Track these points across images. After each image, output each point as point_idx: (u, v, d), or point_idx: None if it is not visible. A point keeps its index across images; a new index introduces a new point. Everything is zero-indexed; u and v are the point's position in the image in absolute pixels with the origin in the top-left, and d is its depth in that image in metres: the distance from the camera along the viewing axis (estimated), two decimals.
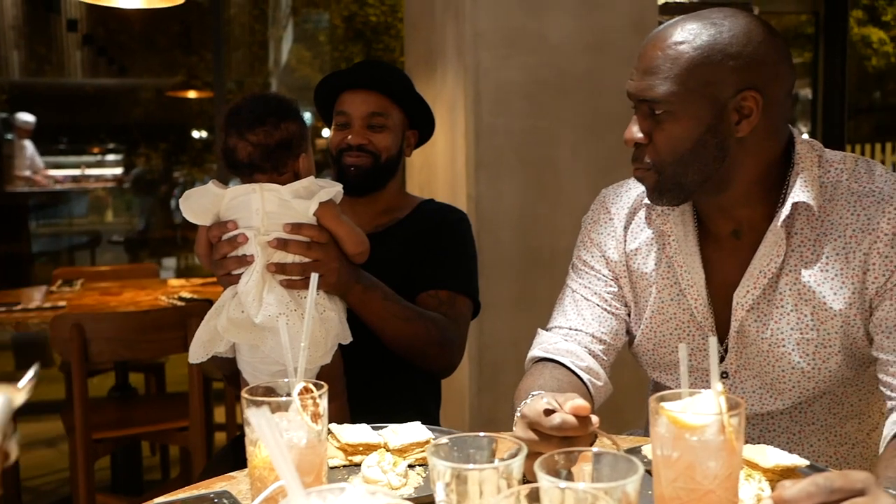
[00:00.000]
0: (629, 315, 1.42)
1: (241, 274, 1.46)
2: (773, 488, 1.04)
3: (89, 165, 9.64)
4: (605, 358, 1.40)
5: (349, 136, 1.78)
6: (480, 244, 2.64)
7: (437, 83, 3.03)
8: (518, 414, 1.14)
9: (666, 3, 3.26)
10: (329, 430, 1.24)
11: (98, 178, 9.66)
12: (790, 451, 1.31)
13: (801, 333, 1.24)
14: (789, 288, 1.24)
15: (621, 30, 2.77)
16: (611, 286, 1.42)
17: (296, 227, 1.47)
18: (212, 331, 1.49)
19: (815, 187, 1.22)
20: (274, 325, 1.42)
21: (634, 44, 2.85)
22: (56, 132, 9.14)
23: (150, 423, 2.77)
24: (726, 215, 1.29)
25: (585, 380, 1.34)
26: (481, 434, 0.89)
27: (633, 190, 1.43)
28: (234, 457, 1.70)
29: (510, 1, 2.69)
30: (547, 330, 1.45)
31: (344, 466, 1.19)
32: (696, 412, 0.84)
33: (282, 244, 1.46)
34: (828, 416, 1.31)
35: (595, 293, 1.43)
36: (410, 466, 1.17)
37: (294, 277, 1.46)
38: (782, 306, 1.25)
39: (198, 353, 1.50)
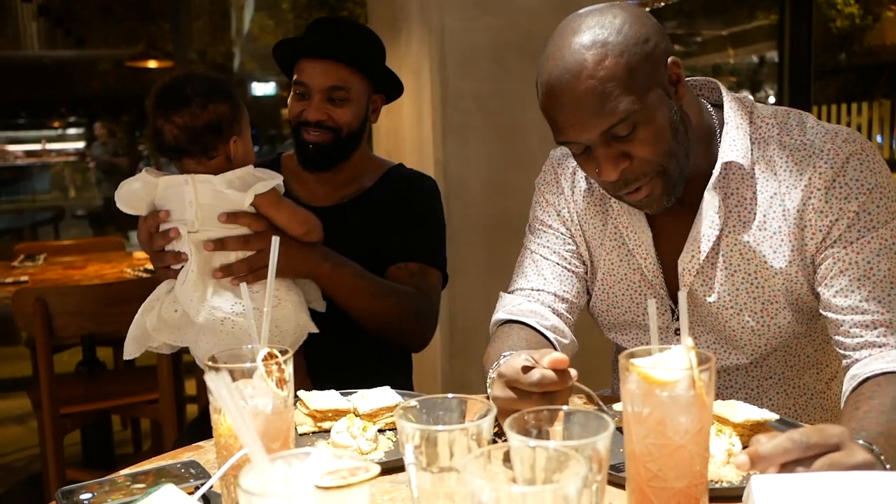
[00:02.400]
0: (587, 273, 1.42)
1: (180, 269, 1.43)
2: (743, 443, 1.05)
3: (50, 140, 9.44)
4: (568, 316, 1.40)
5: (307, 111, 1.67)
6: (449, 210, 2.62)
7: (402, 47, 2.98)
8: (491, 377, 1.13)
9: None
10: (298, 396, 1.22)
11: (59, 152, 9.48)
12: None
13: (748, 293, 1.24)
14: (731, 249, 1.24)
15: None
16: (569, 244, 1.42)
17: (231, 216, 1.43)
18: (143, 326, 1.46)
19: (744, 145, 1.22)
20: (218, 326, 1.39)
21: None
22: (14, 107, 8.94)
23: (119, 397, 2.74)
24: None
25: (552, 338, 1.34)
26: (450, 395, 0.88)
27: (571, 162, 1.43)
28: (204, 426, 1.68)
29: None
30: (509, 293, 1.44)
31: (314, 433, 1.18)
32: (667, 367, 0.83)
33: (218, 244, 1.42)
34: (784, 369, 1.31)
35: (554, 252, 1.42)
36: (380, 431, 1.16)
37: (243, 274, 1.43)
38: (726, 268, 1.25)
39: (130, 349, 1.47)
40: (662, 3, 3.58)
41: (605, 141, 1.15)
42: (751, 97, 1.27)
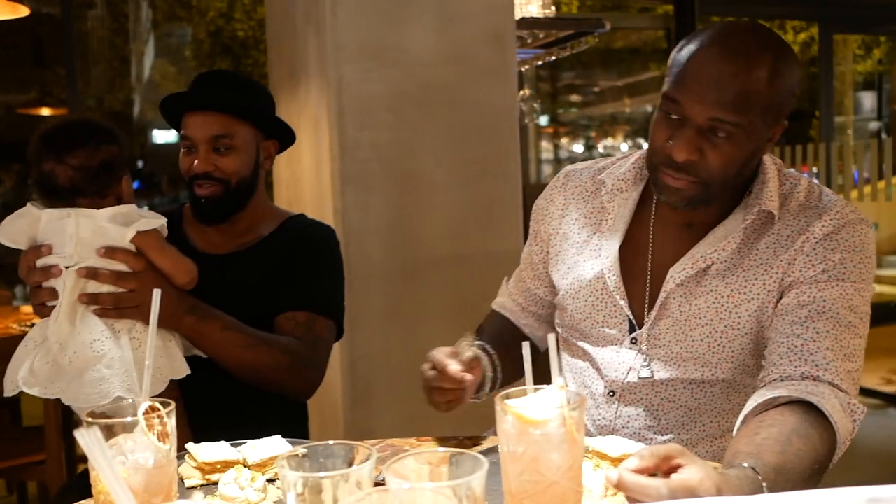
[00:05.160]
0: (557, 276, 1.51)
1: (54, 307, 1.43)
2: None
3: None
4: (542, 313, 1.59)
5: (195, 163, 1.67)
6: (349, 258, 2.64)
7: (301, 97, 3.01)
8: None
9: (523, 18, 3.35)
10: (185, 449, 1.21)
11: None
12: (682, 426, 1.38)
13: (717, 312, 1.31)
14: (718, 272, 1.32)
15: (480, 43, 2.84)
16: (543, 250, 1.53)
17: (109, 251, 1.44)
18: (15, 376, 1.44)
19: (777, 197, 1.32)
20: (87, 367, 1.39)
21: (493, 56, 2.95)
22: None
23: (4, 459, 2.60)
24: (689, 212, 1.35)
25: (526, 331, 1.59)
26: (332, 442, 0.89)
27: (589, 170, 1.52)
28: (82, 484, 1.63)
29: (370, 15, 2.71)
30: (509, 280, 1.65)
31: (202, 486, 1.17)
32: (539, 407, 0.88)
33: (91, 273, 1.42)
34: (724, 402, 1.37)
35: (535, 256, 1.55)
36: (270, 481, 1.16)
37: (107, 307, 1.43)
38: (706, 285, 1.32)
39: (10, 386, 1.45)
40: (562, 55, 3.73)
41: (702, 127, 1.23)
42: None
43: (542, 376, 0.93)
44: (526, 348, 0.94)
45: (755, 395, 1.19)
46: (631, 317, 1.39)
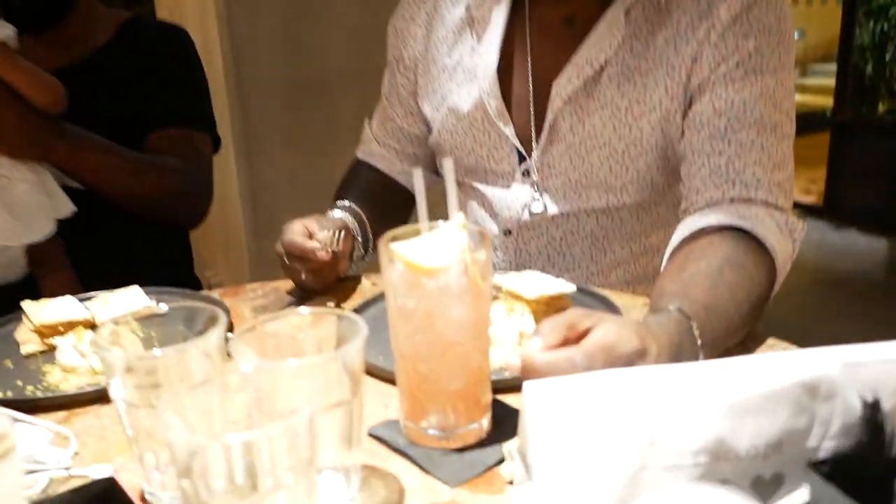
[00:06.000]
0: (430, 109, 1.29)
1: None
2: (537, 321, 0.94)
3: None
4: (423, 153, 1.36)
5: None
6: (240, 75, 2.35)
7: None
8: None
9: None
10: (22, 309, 1.00)
11: None
12: (590, 257, 1.23)
13: (615, 129, 1.12)
14: (611, 80, 1.11)
15: None
16: (411, 80, 1.30)
17: None
18: None
19: None
20: None
21: None
22: None
23: None
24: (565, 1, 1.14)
25: (402, 182, 1.36)
26: (190, 303, 0.70)
27: None
28: None
29: None
30: (371, 124, 1.40)
31: (41, 353, 0.97)
32: (434, 252, 0.69)
33: None
34: (633, 225, 1.21)
35: (402, 87, 1.31)
36: None
37: None
38: (600, 98, 1.11)
39: None
40: None
41: None
42: None
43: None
44: (418, 176, 0.74)
45: (680, 226, 1.03)
46: (519, 146, 1.19)
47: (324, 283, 1.12)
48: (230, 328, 1.03)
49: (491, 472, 0.69)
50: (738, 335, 0.89)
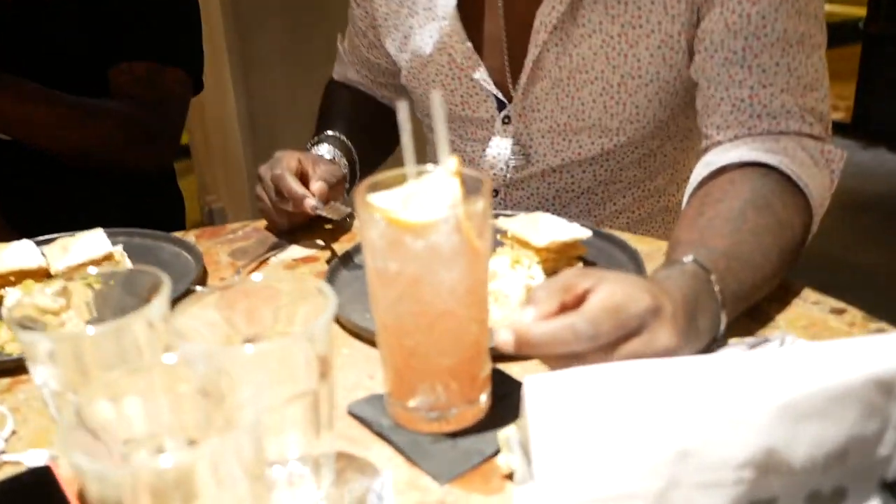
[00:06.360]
0: (393, 48, 1.14)
1: None
2: (547, 272, 0.83)
3: None
4: (396, 83, 1.22)
5: None
6: None
7: None
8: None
9: None
10: None
11: None
12: (588, 212, 1.10)
13: (607, 59, 0.97)
14: (596, 1, 0.95)
15: None
16: (368, 12, 1.14)
17: None
18: None
19: None
20: None
21: None
22: None
23: None
24: None
25: (387, 104, 1.24)
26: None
27: None
28: None
29: None
30: (342, 43, 1.27)
31: None
32: (421, 205, 0.57)
33: None
34: (636, 171, 1.08)
35: (359, 20, 1.17)
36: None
37: None
38: (587, 24, 0.96)
39: None
40: None
41: None
42: None
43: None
44: (403, 109, 0.61)
45: (698, 165, 0.88)
46: (495, 91, 1.04)
47: (294, 226, 1.01)
48: (203, 277, 0.93)
49: (487, 465, 0.58)
50: (766, 287, 0.76)
